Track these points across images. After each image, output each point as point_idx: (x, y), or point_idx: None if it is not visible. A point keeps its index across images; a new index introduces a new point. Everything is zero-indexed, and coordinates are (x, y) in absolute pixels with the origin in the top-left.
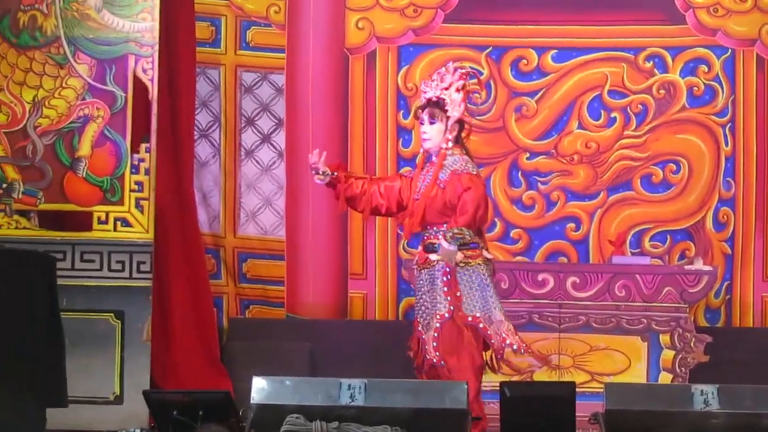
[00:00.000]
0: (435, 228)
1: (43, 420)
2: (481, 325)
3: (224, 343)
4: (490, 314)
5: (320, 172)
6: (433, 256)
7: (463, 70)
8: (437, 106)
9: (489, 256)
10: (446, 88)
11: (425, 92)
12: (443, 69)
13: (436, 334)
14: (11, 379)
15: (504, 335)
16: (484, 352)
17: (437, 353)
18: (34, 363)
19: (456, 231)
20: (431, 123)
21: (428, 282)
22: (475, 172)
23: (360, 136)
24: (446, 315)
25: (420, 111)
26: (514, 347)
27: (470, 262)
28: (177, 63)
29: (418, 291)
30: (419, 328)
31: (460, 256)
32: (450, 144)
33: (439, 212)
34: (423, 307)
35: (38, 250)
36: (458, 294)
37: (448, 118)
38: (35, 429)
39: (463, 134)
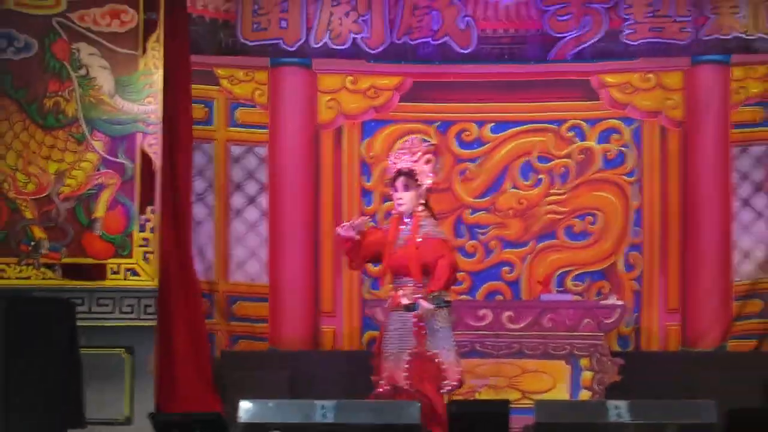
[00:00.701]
0: (409, 280)
1: None
2: (437, 360)
3: (217, 372)
4: (448, 352)
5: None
6: (414, 313)
7: (429, 144)
8: (409, 175)
9: (448, 299)
10: (416, 161)
11: (396, 163)
12: (409, 143)
13: (407, 366)
14: (39, 404)
15: (458, 372)
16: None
17: (408, 381)
18: (57, 391)
19: (436, 294)
20: (405, 190)
21: (399, 322)
22: (444, 237)
23: (330, 196)
24: (415, 350)
25: (394, 180)
26: (460, 378)
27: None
28: (177, 139)
29: (388, 329)
30: (386, 360)
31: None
32: (421, 208)
33: (406, 265)
34: (391, 343)
35: (61, 297)
36: (424, 333)
37: (419, 185)
38: None
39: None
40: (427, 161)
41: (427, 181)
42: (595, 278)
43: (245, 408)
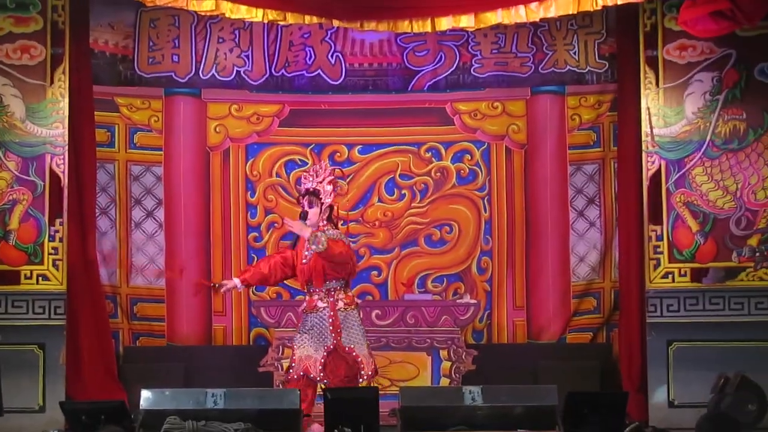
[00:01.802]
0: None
1: None
2: (354, 354)
3: (121, 365)
4: (362, 346)
5: (221, 289)
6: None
7: (333, 169)
8: (314, 194)
9: (358, 302)
10: (320, 182)
11: (305, 184)
12: (317, 166)
13: (323, 360)
14: None
15: (372, 362)
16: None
17: (322, 374)
18: None
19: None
20: (310, 207)
21: (316, 322)
22: (342, 238)
23: (219, 210)
24: (331, 347)
25: (301, 198)
26: (370, 373)
27: (347, 308)
28: (82, 159)
29: (303, 329)
30: (298, 355)
31: (308, 232)
32: (324, 222)
33: (319, 274)
34: (308, 341)
35: None
36: (339, 331)
37: (322, 203)
38: None
39: (333, 215)
40: (330, 182)
41: (328, 199)
42: (451, 280)
43: (145, 396)
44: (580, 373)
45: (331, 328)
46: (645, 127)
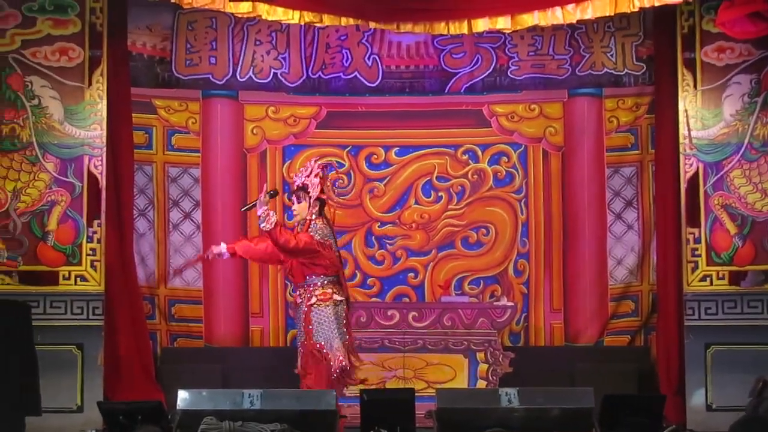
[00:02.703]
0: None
1: (23, 425)
2: (324, 351)
3: (158, 366)
4: (330, 342)
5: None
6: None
7: (320, 162)
8: (302, 189)
9: (339, 299)
10: (308, 176)
11: (295, 181)
12: (308, 163)
13: (300, 356)
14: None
15: (340, 358)
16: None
17: (302, 369)
18: (16, 383)
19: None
20: (298, 202)
21: (298, 318)
22: (318, 238)
23: (255, 213)
24: (304, 342)
25: (292, 194)
26: (343, 363)
27: (320, 304)
28: (120, 161)
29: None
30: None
31: (262, 209)
32: (314, 216)
33: (300, 268)
34: (297, 338)
35: (18, 300)
36: (310, 327)
37: (310, 197)
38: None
39: (326, 209)
40: (316, 175)
41: (315, 192)
42: (488, 282)
43: (183, 397)
44: (618, 376)
45: (304, 324)
46: (683, 130)
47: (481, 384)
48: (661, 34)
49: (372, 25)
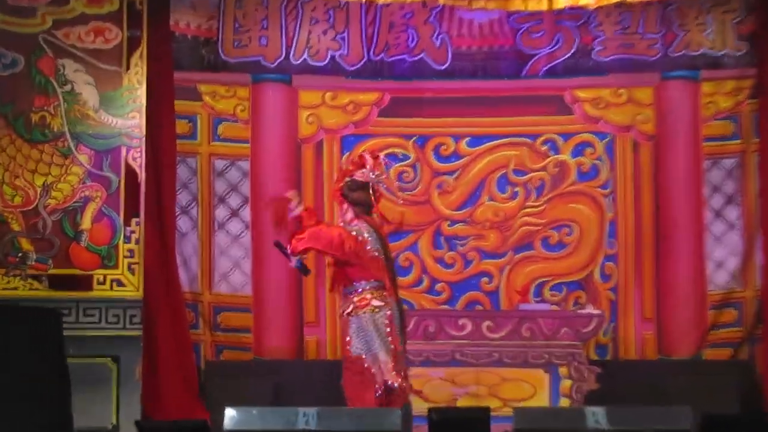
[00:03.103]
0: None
1: None
2: (366, 365)
3: (202, 381)
4: (375, 354)
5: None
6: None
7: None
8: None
9: (378, 304)
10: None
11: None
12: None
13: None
14: (27, 412)
15: (386, 374)
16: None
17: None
18: (45, 399)
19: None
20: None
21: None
22: (353, 233)
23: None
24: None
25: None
26: (389, 382)
27: (358, 312)
28: (161, 153)
29: None
30: None
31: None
32: (350, 216)
33: (341, 275)
34: None
35: (48, 307)
36: (348, 338)
37: (347, 200)
38: None
39: (374, 210)
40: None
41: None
42: (571, 288)
43: (230, 415)
44: (719, 394)
45: (346, 336)
46: None
47: (564, 402)
48: (764, 9)
49: (441, 1)
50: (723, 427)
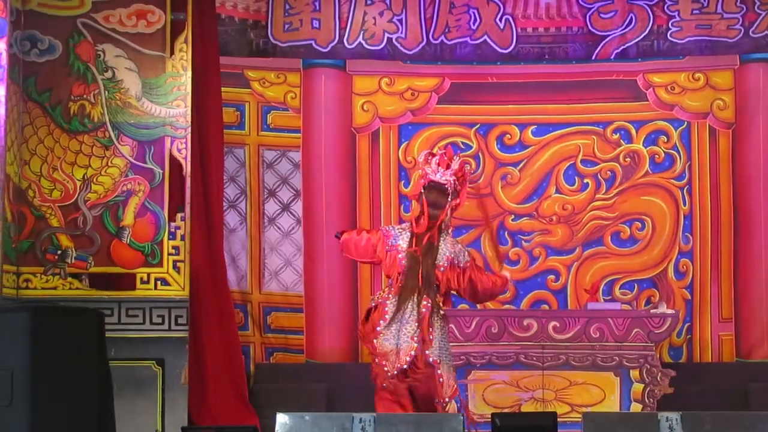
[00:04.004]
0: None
1: None
2: (438, 371)
3: (252, 386)
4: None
5: None
6: None
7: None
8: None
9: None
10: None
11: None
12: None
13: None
14: (68, 418)
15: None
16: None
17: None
18: (87, 405)
19: None
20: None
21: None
22: (469, 258)
23: (367, 203)
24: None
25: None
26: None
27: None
28: (207, 143)
29: None
30: None
31: None
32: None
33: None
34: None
35: (89, 307)
36: (431, 338)
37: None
38: None
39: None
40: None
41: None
42: (644, 286)
43: (282, 421)
44: None
45: (419, 330)
46: None
47: (636, 407)
48: None
49: None
50: None
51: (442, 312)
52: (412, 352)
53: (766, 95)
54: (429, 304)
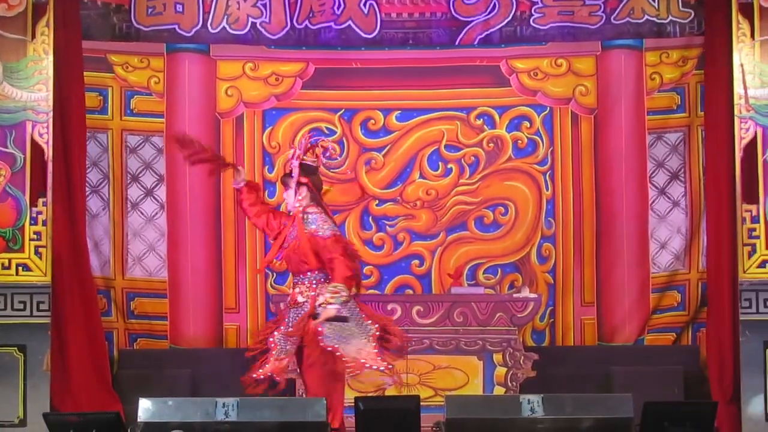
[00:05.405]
0: (304, 277)
1: None
2: (338, 353)
3: (115, 372)
4: (349, 344)
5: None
6: (318, 320)
7: (312, 139)
8: (287, 176)
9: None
10: (291, 159)
11: (292, 162)
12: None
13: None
14: None
15: (363, 359)
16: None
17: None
18: None
19: (337, 294)
20: (286, 190)
21: (294, 318)
22: (330, 233)
23: (230, 187)
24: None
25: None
26: (374, 367)
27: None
28: (69, 128)
29: (285, 324)
30: (275, 353)
31: (333, 310)
32: (302, 204)
33: (298, 263)
34: (284, 337)
35: None
36: (320, 329)
37: (296, 182)
38: None
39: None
40: (297, 156)
41: (295, 175)
42: (507, 271)
43: (145, 407)
44: (661, 381)
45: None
46: (738, 88)
47: (499, 391)
48: None
49: None
50: (666, 414)
51: None
52: None
53: (627, 81)
54: None
